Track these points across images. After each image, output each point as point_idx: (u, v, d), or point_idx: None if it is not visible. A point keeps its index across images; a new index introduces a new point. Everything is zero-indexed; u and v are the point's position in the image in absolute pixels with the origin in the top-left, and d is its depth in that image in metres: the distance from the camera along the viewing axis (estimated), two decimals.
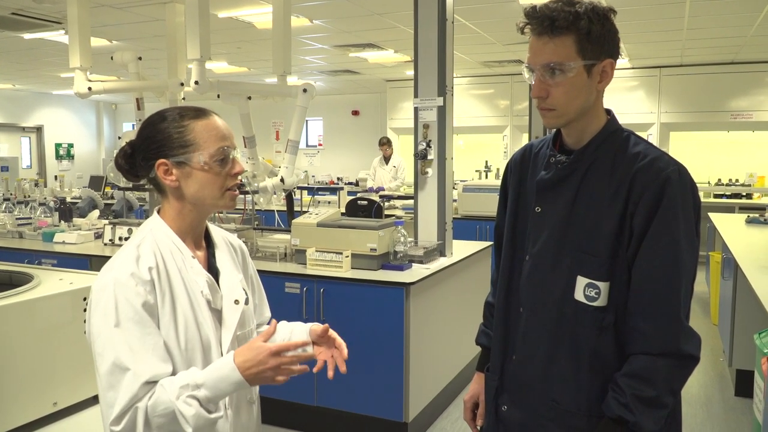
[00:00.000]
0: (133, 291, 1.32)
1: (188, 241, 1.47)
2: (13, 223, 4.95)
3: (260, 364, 1.29)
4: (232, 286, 1.49)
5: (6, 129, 12.91)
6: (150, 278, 1.35)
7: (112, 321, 1.30)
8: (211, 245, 1.54)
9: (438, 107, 3.94)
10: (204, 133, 1.41)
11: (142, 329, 1.31)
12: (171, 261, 1.41)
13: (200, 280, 1.43)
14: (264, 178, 4.03)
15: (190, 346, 1.38)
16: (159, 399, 1.26)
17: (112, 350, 1.28)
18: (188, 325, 1.38)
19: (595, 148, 1.48)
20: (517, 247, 1.61)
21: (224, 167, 1.43)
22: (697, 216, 1.43)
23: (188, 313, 1.39)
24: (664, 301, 1.38)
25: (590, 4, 1.40)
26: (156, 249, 1.40)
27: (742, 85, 8.87)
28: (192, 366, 1.37)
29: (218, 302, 1.45)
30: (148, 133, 1.43)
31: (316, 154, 13.03)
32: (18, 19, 6.26)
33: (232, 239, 1.63)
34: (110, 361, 1.28)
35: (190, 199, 1.43)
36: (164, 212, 1.47)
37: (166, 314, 1.36)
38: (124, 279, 1.32)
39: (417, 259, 3.78)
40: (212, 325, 1.43)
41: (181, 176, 1.41)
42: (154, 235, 1.43)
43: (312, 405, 3.58)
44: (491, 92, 10.52)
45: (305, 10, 6.10)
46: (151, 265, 1.37)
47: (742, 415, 3.98)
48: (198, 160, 1.40)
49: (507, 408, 1.61)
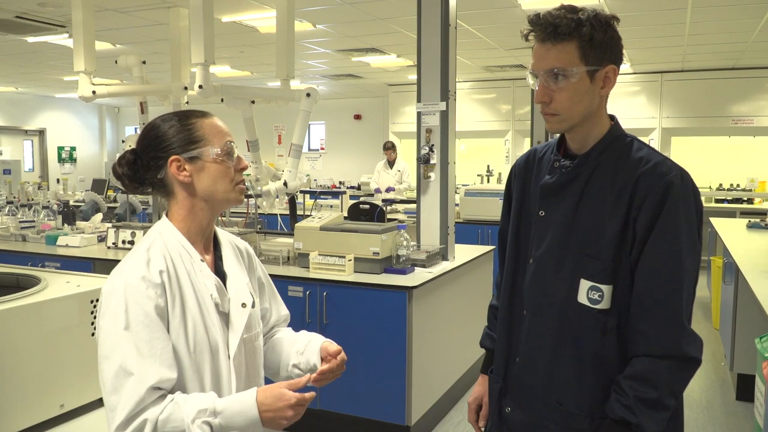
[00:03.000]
0: (144, 294, 1.33)
1: (197, 243, 1.48)
2: (17, 226, 4.97)
3: (278, 411, 1.31)
4: (240, 290, 1.50)
5: (9, 132, 12.95)
6: (161, 281, 1.36)
7: (122, 324, 1.30)
8: (219, 248, 1.55)
9: (441, 112, 3.96)
10: (211, 128, 1.46)
11: (151, 333, 1.31)
12: (180, 264, 1.42)
13: (209, 283, 1.44)
14: (267, 181, 4.05)
15: (199, 349, 1.39)
16: (172, 415, 1.26)
17: (119, 353, 1.29)
18: (197, 329, 1.39)
19: (598, 153, 1.50)
20: (521, 251, 1.62)
21: (232, 161, 1.47)
22: (699, 220, 1.44)
23: (197, 316, 1.40)
24: (667, 304, 1.39)
25: (593, 12, 1.42)
26: (166, 252, 1.41)
27: (743, 91, 8.88)
28: (200, 369, 1.38)
29: (226, 305, 1.46)
30: (156, 134, 1.45)
31: (318, 157, 13.05)
32: (22, 22, 6.28)
33: (239, 242, 1.64)
34: (117, 364, 1.28)
35: (202, 195, 1.45)
36: (173, 215, 1.48)
37: (176, 317, 1.37)
38: (134, 282, 1.33)
39: (419, 262, 3.79)
40: (220, 329, 1.44)
41: (194, 171, 1.43)
42: (164, 238, 1.44)
43: (315, 408, 3.59)
44: (493, 97, 10.54)
45: (308, 14, 6.13)
46: (162, 268, 1.38)
47: (744, 420, 3.99)
48: (210, 153, 1.43)
49: (510, 410, 1.62)
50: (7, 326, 1.68)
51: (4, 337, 1.67)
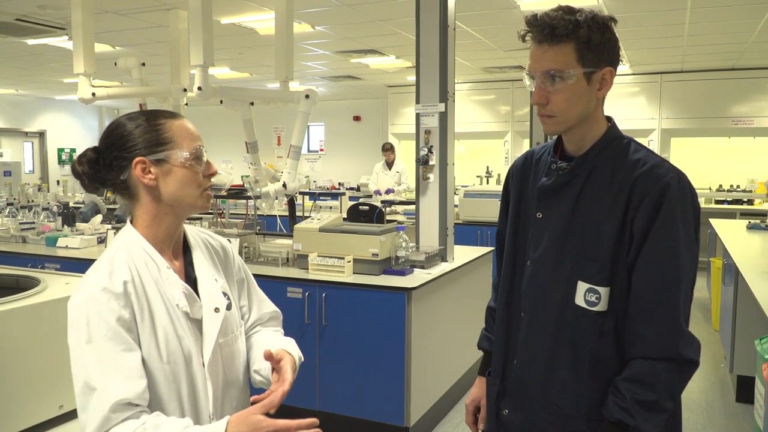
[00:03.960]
0: (106, 306, 1.26)
1: (165, 249, 1.42)
2: (17, 228, 4.98)
3: None
4: (212, 294, 1.44)
5: (9, 134, 12.96)
6: (124, 292, 1.29)
7: (84, 338, 1.24)
8: (189, 251, 1.49)
9: (439, 113, 3.96)
10: (181, 131, 1.39)
11: (115, 346, 1.25)
12: (146, 273, 1.35)
13: (176, 292, 1.37)
14: (266, 183, 4.05)
15: (173, 359, 1.33)
16: None
17: (83, 369, 1.23)
18: (169, 339, 1.33)
19: (595, 154, 1.50)
20: (519, 253, 1.62)
21: (201, 166, 1.40)
22: (696, 222, 1.44)
23: (168, 326, 1.34)
24: (664, 306, 1.39)
25: (590, 13, 1.42)
26: (130, 261, 1.35)
27: (743, 92, 8.88)
28: (176, 379, 1.33)
29: (197, 312, 1.40)
30: (121, 132, 1.38)
31: (317, 159, 13.06)
32: (22, 25, 6.29)
33: (213, 240, 1.57)
34: (82, 381, 1.23)
35: (167, 200, 1.38)
36: (137, 221, 1.41)
37: (146, 328, 1.31)
38: (96, 295, 1.27)
39: (418, 264, 3.79)
40: (192, 337, 1.38)
41: (159, 174, 1.36)
42: (128, 247, 1.37)
43: (314, 410, 3.59)
44: (492, 98, 10.55)
45: (307, 16, 6.14)
46: (126, 278, 1.31)
47: (743, 421, 3.99)
48: (178, 156, 1.37)
49: (508, 412, 1.62)
50: (6, 327, 1.68)
51: (3, 337, 1.67)
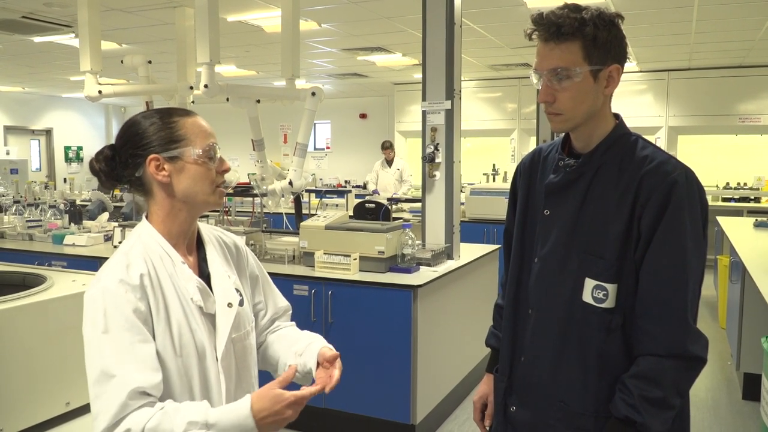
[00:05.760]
0: (123, 298, 1.29)
1: (179, 244, 1.44)
2: (24, 226, 5.00)
3: (276, 415, 1.27)
4: (225, 289, 1.46)
5: (16, 131, 13.00)
6: (141, 284, 1.32)
7: (101, 328, 1.26)
8: (203, 247, 1.51)
9: (446, 110, 3.95)
10: (194, 128, 1.41)
11: (132, 336, 1.27)
12: (161, 267, 1.38)
13: (190, 286, 1.40)
14: (272, 181, 4.05)
15: (186, 352, 1.35)
16: (160, 426, 1.21)
17: (99, 358, 1.25)
18: (182, 332, 1.35)
19: (603, 152, 1.49)
20: (526, 250, 1.62)
21: (214, 163, 1.43)
22: (704, 219, 1.44)
23: (182, 319, 1.36)
24: (671, 303, 1.39)
25: (596, 10, 1.41)
26: (146, 255, 1.37)
27: (751, 89, 8.83)
28: (188, 372, 1.35)
29: (211, 307, 1.42)
30: (135, 130, 1.41)
31: (323, 157, 13.06)
32: (28, 22, 6.31)
33: (226, 237, 1.59)
34: (98, 369, 1.24)
35: (180, 196, 1.40)
36: (152, 216, 1.44)
37: (161, 321, 1.33)
38: (113, 286, 1.29)
39: (425, 261, 3.79)
40: (206, 331, 1.40)
41: (173, 171, 1.39)
42: (143, 241, 1.40)
43: (320, 407, 3.59)
44: (499, 95, 10.52)
45: (314, 13, 6.13)
46: (143, 271, 1.34)
47: (750, 419, 3.97)
48: (191, 153, 1.39)
49: (515, 408, 1.62)
50: (13, 324, 1.69)
51: (10, 335, 1.68)
